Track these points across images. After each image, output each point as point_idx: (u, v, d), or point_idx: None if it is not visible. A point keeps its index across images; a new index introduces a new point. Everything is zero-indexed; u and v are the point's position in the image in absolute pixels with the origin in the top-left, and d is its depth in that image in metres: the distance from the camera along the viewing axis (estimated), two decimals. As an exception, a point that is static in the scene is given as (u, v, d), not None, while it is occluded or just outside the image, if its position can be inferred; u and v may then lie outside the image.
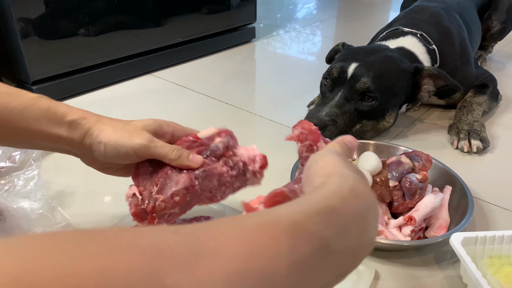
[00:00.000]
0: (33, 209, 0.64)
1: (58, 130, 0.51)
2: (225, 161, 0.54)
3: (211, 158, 0.54)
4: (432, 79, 0.93)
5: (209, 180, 0.52)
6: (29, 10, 1.03)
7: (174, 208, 0.49)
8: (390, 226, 0.65)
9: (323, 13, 2.20)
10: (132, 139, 0.51)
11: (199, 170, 0.51)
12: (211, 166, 0.52)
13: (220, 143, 0.55)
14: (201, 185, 0.51)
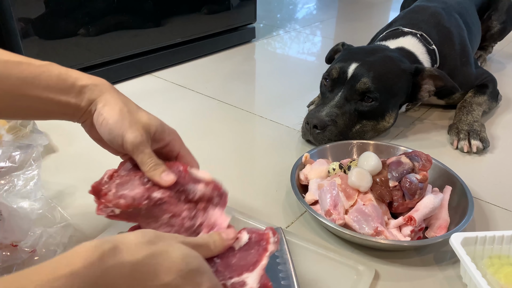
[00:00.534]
0: (33, 209, 0.64)
1: (67, 96, 0.51)
2: (190, 208, 0.50)
3: (180, 197, 0.51)
4: (432, 80, 0.93)
5: (160, 210, 0.49)
6: (29, 10, 1.03)
7: (116, 208, 0.49)
8: (390, 226, 0.65)
9: (323, 13, 2.20)
10: (127, 130, 0.50)
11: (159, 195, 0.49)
12: (172, 201, 0.50)
13: (200, 191, 0.51)
14: (149, 209, 0.49)
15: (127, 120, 0.50)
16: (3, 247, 0.55)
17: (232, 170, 0.85)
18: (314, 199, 0.70)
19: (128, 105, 0.52)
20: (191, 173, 0.52)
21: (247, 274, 0.46)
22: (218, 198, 0.52)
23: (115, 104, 0.51)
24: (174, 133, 0.56)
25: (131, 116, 0.51)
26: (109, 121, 0.50)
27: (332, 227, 0.62)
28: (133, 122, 0.50)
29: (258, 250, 0.48)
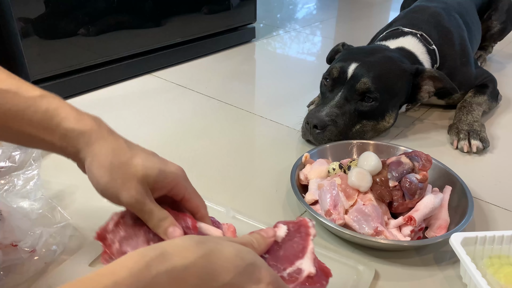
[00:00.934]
0: (33, 209, 0.64)
1: (52, 137, 0.46)
2: None
3: None
4: (432, 81, 0.93)
5: None
6: (29, 10, 1.03)
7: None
8: (390, 226, 0.65)
9: (323, 13, 2.20)
10: (121, 191, 0.45)
11: None
12: None
13: None
14: None
15: (119, 178, 0.45)
16: (3, 247, 0.55)
17: (232, 170, 0.85)
18: (314, 199, 0.70)
19: (120, 155, 0.45)
20: (200, 229, 0.49)
21: (299, 261, 0.45)
22: None
23: (105, 158, 0.45)
24: (177, 176, 0.49)
25: (124, 170, 0.45)
26: (100, 181, 0.45)
27: (332, 227, 0.62)
28: (126, 179, 0.45)
29: (301, 237, 0.47)
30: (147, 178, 0.46)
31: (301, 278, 0.44)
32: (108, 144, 0.46)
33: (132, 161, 0.46)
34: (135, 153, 0.47)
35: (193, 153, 0.91)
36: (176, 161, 0.58)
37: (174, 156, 0.89)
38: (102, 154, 0.45)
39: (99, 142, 0.45)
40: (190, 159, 0.88)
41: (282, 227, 0.48)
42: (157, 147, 0.93)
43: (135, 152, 0.47)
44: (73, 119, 0.45)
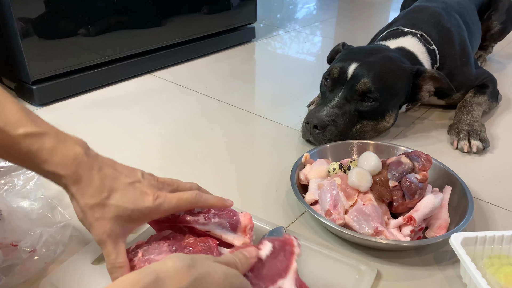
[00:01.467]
0: (33, 209, 0.64)
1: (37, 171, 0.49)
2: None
3: None
4: (432, 81, 0.93)
5: None
6: (29, 10, 1.03)
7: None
8: (390, 226, 0.65)
9: (323, 13, 2.20)
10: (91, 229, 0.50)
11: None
12: None
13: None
14: None
15: (90, 218, 0.49)
16: (3, 247, 0.55)
17: (232, 170, 0.85)
18: (314, 199, 0.69)
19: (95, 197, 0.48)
20: (220, 250, 0.52)
21: (281, 281, 0.47)
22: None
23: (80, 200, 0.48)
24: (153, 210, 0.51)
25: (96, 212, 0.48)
26: (77, 216, 0.51)
27: (332, 227, 0.62)
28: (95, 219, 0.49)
29: (285, 255, 0.49)
30: (120, 218, 0.49)
31: None
32: (85, 185, 0.48)
33: (106, 202, 0.49)
34: (111, 192, 0.49)
35: (193, 153, 0.91)
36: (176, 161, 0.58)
37: (174, 156, 0.89)
38: (80, 194, 0.48)
39: (78, 184, 0.48)
40: (190, 159, 0.88)
41: (267, 245, 0.49)
42: (157, 147, 0.93)
43: (111, 191, 0.49)
44: (53, 163, 0.48)
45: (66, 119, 1.01)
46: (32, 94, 1.08)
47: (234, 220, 0.57)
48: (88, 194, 0.48)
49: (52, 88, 1.10)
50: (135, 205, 0.49)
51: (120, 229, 0.49)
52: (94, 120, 1.02)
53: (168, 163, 0.86)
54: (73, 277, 0.56)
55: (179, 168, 0.85)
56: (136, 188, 0.50)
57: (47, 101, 1.11)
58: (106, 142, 0.92)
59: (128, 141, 0.95)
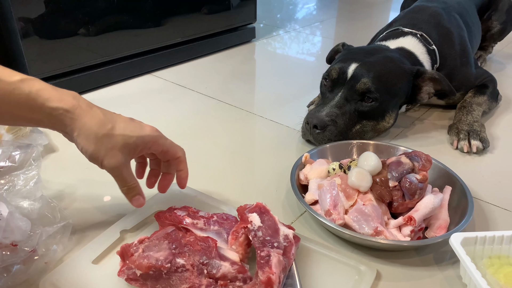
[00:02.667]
0: (33, 209, 0.64)
1: (39, 115, 0.51)
2: (209, 284, 0.50)
3: (203, 269, 0.51)
4: (432, 82, 0.93)
5: (180, 279, 0.51)
6: (29, 10, 1.03)
7: (138, 269, 0.51)
8: (390, 226, 0.65)
9: (323, 13, 2.20)
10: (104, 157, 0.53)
11: (182, 262, 0.51)
12: (194, 272, 0.51)
13: (224, 268, 0.51)
14: (170, 274, 0.51)
15: (103, 148, 0.53)
16: (3, 246, 0.55)
17: (232, 170, 0.85)
18: (314, 199, 0.69)
19: (103, 127, 0.53)
20: (219, 249, 0.54)
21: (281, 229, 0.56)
22: (242, 283, 0.51)
23: (90, 132, 0.52)
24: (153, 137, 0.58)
25: (106, 141, 0.53)
26: (87, 151, 0.53)
27: (332, 227, 0.62)
28: (109, 149, 0.53)
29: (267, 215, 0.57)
30: (127, 145, 0.55)
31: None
32: (90, 118, 0.53)
33: (113, 132, 0.53)
34: (115, 123, 0.54)
35: (193, 153, 0.90)
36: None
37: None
38: (87, 127, 0.52)
39: (83, 117, 0.52)
40: (190, 159, 0.88)
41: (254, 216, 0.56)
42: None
43: (115, 122, 0.55)
44: (55, 99, 0.51)
45: (66, 119, 1.01)
46: (32, 94, 1.08)
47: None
48: (95, 125, 0.52)
49: (52, 88, 1.10)
50: (138, 133, 0.55)
51: (128, 157, 0.55)
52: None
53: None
54: (73, 276, 0.56)
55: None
56: (135, 122, 0.57)
57: (47, 101, 1.11)
58: (106, 142, 0.92)
59: (128, 141, 0.94)
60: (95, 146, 0.52)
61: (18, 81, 0.49)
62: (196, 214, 0.60)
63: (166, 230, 0.56)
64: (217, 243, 0.55)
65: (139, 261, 0.51)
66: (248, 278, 0.52)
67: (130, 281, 0.52)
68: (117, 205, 0.72)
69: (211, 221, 0.59)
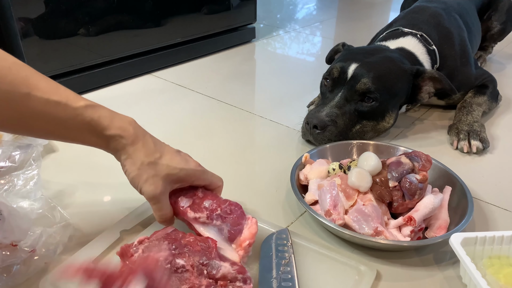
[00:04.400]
0: (33, 209, 0.64)
1: (96, 140, 0.54)
2: (209, 285, 0.50)
3: (203, 270, 0.51)
4: (432, 82, 0.93)
5: (180, 280, 0.50)
6: (29, 10, 1.03)
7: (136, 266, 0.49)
8: (390, 227, 0.65)
9: (323, 13, 2.20)
10: (144, 185, 0.55)
11: (182, 263, 0.51)
12: (194, 272, 0.50)
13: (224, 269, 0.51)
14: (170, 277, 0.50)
15: (145, 174, 0.55)
16: (3, 246, 0.55)
17: (232, 170, 0.85)
18: (314, 199, 0.69)
19: (150, 156, 0.55)
20: (219, 250, 0.54)
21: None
22: (242, 283, 0.52)
23: (137, 159, 0.55)
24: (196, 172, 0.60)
25: (150, 170, 0.55)
26: (130, 174, 0.56)
27: (332, 227, 0.62)
28: (150, 175, 0.55)
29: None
30: (170, 176, 0.56)
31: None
32: (141, 146, 0.55)
33: (159, 161, 0.56)
34: (162, 154, 0.57)
35: (193, 153, 0.90)
36: (176, 161, 0.58)
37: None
38: (135, 155, 0.55)
39: (135, 144, 0.55)
40: (190, 159, 0.88)
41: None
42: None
43: (162, 153, 0.57)
44: (114, 127, 0.54)
45: (66, 119, 1.01)
46: (32, 94, 1.08)
47: (238, 229, 0.57)
48: (144, 153, 0.55)
49: (52, 88, 1.10)
50: (182, 166, 0.58)
51: (168, 187, 0.57)
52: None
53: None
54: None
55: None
56: (181, 155, 0.60)
57: (47, 101, 1.11)
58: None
59: (128, 141, 0.95)
60: (138, 171, 0.55)
61: (83, 107, 0.53)
62: (201, 205, 0.59)
63: (166, 231, 0.56)
64: (218, 241, 0.55)
65: (140, 261, 0.51)
66: (248, 279, 0.52)
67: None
68: (117, 205, 0.72)
69: (214, 216, 0.58)
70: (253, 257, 0.59)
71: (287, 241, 0.61)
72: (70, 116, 0.52)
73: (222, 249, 0.55)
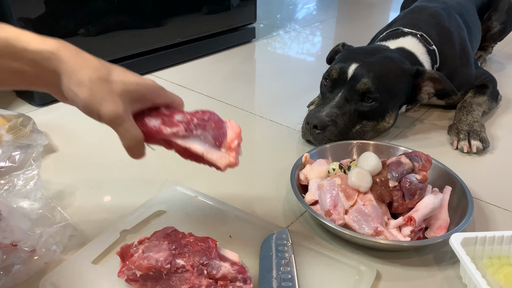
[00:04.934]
0: (33, 209, 0.64)
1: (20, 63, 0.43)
2: (209, 285, 0.50)
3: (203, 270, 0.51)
4: (432, 82, 0.93)
5: (180, 279, 0.51)
6: (29, 10, 1.03)
7: (138, 270, 0.51)
8: (390, 227, 0.65)
9: (323, 13, 2.20)
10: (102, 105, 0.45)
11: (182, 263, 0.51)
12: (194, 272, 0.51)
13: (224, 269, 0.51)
14: (170, 275, 0.51)
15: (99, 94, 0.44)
16: (3, 247, 0.55)
17: (232, 170, 0.85)
18: (314, 199, 0.69)
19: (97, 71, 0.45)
20: (219, 250, 0.53)
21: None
22: (242, 283, 0.51)
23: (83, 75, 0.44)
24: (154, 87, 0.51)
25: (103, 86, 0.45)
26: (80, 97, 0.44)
27: (332, 227, 0.62)
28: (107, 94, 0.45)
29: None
30: (128, 92, 0.46)
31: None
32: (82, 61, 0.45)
33: (110, 77, 0.45)
34: (110, 69, 0.47)
35: (193, 153, 0.90)
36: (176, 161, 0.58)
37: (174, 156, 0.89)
38: (78, 71, 0.44)
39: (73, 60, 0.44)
40: (190, 159, 0.88)
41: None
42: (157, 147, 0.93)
43: (110, 68, 0.47)
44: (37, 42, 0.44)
45: (66, 119, 1.01)
46: (32, 94, 1.08)
47: (221, 133, 0.53)
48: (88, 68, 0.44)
49: (52, 88, 1.10)
50: (139, 81, 0.48)
51: (129, 107, 0.47)
52: (94, 120, 1.02)
53: (168, 162, 0.86)
54: (73, 276, 0.56)
55: (179, 167, 0.84)
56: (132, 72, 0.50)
57: (47, 101, 1.11)
58: (106, 142, 0.92)
59: (128, 141, 0.95)
60: (89, 91, 0.44)
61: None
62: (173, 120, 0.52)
63: (166, 231, 0.56)
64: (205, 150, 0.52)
65: (139, 262, 0.51)
66: (248, 279, 0.52)
67: (130, 282, 0.52)
68: (117, 205, 0.72)
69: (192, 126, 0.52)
70: (253, 257, 0.59)
71: (287, 241, 0.61)
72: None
73: (222, 249, 0.54)
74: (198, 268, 0.51)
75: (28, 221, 0.58)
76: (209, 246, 0.53)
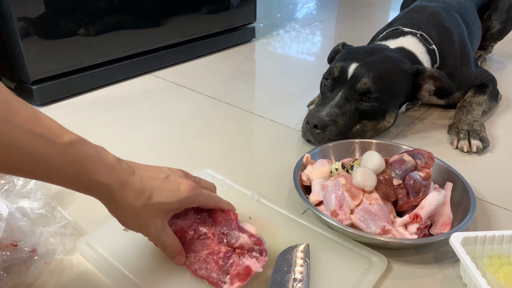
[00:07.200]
0: (33, 209, 0.64)
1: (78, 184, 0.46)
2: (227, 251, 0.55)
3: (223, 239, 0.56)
4: (432, 80, 0.93)
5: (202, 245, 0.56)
6: (29, 10, 1.03)
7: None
8: (396, 225, 0.65)
9: (323, 13, 2.20)
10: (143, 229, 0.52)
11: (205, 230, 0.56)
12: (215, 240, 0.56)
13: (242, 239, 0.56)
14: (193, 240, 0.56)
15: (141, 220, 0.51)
16: (3, 246, 0.55)
17: (232, 170, 0.85)
18: (318, 200, 0.69)
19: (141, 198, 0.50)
20: (239, 222, 0.58)
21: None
22: (258, 254, 0.55)
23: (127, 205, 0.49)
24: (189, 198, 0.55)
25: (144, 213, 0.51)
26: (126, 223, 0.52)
27: (339, 227, 0.62)
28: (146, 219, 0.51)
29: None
30: (165, 212, 0.53)
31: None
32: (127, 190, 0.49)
33: (150, 202, 0.51)
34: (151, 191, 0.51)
35: (193, 153, 0.91)
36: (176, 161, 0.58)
37: (174, 156, 0.89)
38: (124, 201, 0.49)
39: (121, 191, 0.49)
40: (190, 159, 0.88)
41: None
42: (157, 147, 0.93)
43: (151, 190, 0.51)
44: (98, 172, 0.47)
45: (66, 119, 1.01)
46: (32, 94, 1.08)
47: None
48: (132, 196, 0.49)
49: (52, 88, 1.10)
50: (175, 197, 0.52)
51: (165, 220, 0.54)
52: (94, 120, 1.02)
53: (168, 163, 0.86)
54: (107, 238, 0.62)
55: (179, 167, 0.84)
56: (171, 181, 0.53)
57: (47, 101, 1.11)
58: (106, 142, 0.91)
59: (128, 141, 0.95)
60: (132, 219, 0.51)
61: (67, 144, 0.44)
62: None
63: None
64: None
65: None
66: (264, 251, 0.55)
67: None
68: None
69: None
70: (270, 237, 0.63)
71: (306, 258, 0.59)
72: (52, 154, 0.43)
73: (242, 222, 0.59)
74: (218, 237, 0.56)
75: (28, 221, 0.58)
76: (230, 218, 0.57)
